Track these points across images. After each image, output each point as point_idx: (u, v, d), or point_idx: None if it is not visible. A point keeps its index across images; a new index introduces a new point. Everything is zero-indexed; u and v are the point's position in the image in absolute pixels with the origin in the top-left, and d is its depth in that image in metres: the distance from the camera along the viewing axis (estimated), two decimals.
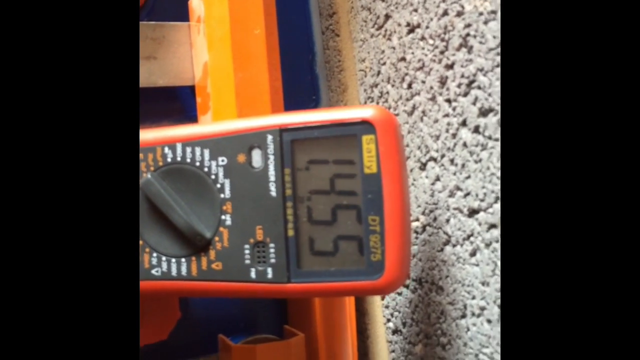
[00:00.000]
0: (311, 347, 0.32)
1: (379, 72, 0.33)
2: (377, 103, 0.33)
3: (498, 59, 0.23)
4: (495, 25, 0.23)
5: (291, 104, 0.38)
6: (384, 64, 0.32)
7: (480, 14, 0.24)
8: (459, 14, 0.26)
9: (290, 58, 0.38)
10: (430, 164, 0.29)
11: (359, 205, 0.24)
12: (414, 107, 0.30)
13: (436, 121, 0.28)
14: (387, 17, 0.32)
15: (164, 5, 0.34)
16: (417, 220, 0.30)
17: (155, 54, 0.33)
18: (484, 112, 0.24)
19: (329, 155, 0.25)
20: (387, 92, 0.32)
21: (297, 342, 0.31)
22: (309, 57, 0.39)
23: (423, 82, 0.29)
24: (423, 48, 0.28)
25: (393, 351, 0.34)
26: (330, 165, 0.25)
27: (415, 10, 0.29)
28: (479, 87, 0.25)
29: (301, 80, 0.39)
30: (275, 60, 0.31)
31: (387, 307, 0.34)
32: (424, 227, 0.30)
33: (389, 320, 0.34)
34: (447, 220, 0.28)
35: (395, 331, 0.33)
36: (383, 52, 0.32)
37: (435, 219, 0.29)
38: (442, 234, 0.28)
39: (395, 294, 0.33)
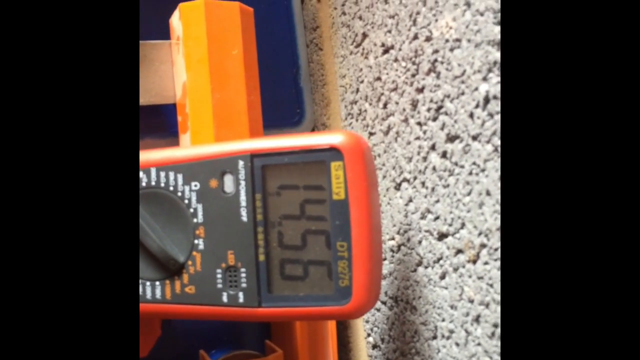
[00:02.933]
0: None
1: (357, 90, 0.33)
2: (357, 120, 0.34)
3: (463, 86, 0.23)
4: (460, 53, 0.23)
5: (276, 116, 0.39)
6: (362, 81, 0.33)
7: (447, 40, 0.24)
8: (428, 39, 0.26)
9: (275, 71, 0.39)
10: (404, 184, 0.29)
11: (328, 230, 0.25)
12: (389, 127, 0.30)
13: (409, 143, 0.28)
14: (365, 35, 0.32)
15: (146, 23, 0.35)
16: (393, 239, 0.30)
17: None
18: (450, 138, 0.25)
19: (299, 180, 0.25)
20: (365, 110, 0.32)
21: (276, 359, 0.31)
22: (294, 70, 0.39)
23: (397, 103, 0.29)
24: (396, 70, 0.29)
25: None
26: (300, 191, 0.25)
27: (389, 32, 0.29)
28: (446, 113, 0.25)
29: (286, 93, 0.39)
30: (254, 80, 0.32)
31: (367, 321, 0.34)
32: (399, 246, 0.30)
33: (369, 335, 0.34)
34: (420, 242, 0.28)
35: (374, 346, 0.34)
36: (361, 70, 0.33)
37: (409, 239, 0.29)
38: (415, 254, 0.28)
39: (375, 309, 0.33)
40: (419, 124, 0.27)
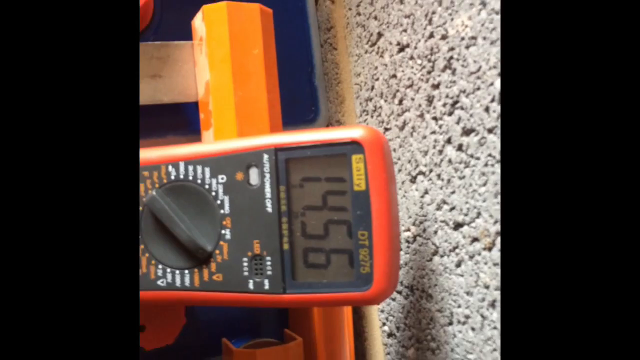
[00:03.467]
0: (310, 350, 0.34)
1: (372, 87, 0.34)
2: (372, 117, 0.35)
3: (479, 82, 0.25)
4: (476, 50, 0.25)
5: (291, 114, 0.40)
6: (377, 79, 0.34)
7: (462, 38, 0.25)
8: (444, 37, 0.27)
9: (290, 71, 0.40)
10: (420, 177, 0.30)
11: (349, 220, 0.26)
12: (404, 123, 0.31)
13: (424, 137, 0.29)
14: (380, 35, 0.33)
15: (169, 24, 0.36)
16: (409, 230, 0.32)
17: (161, 72, 0.34)
18: (466, 132, 0.26)
19: (321, 173, 0.26)
20: (381, 107, 0.34)
21: (295, 346, 0.32)
22: (309, 69, 0.41)
23: (412, 99, 0.30)
24: (412, 67, 0.30)
25: (388, 353, 0.35)
26: (322, 183, 0.26)
27: (405, 31, 0.30)
28: (461, 108, 0.26)
29: (301, 92, 0.40)
30: (274, 79, 0.33)
31: (382, 311, 0.36)
32: (414, 237, 0.31)
33: (384, 324, 0.35)
34: (435, 232, 0.29)
35: (390, 334, 0.35)
36: (376, 68, 0.34)
37: (424, 230, 0.30)
38: (431, 244, 0.29)
39: (390, 299, 0.34)
40: (435, 118, 0.28)
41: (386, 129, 0.33)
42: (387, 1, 0.32)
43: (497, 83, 0.23)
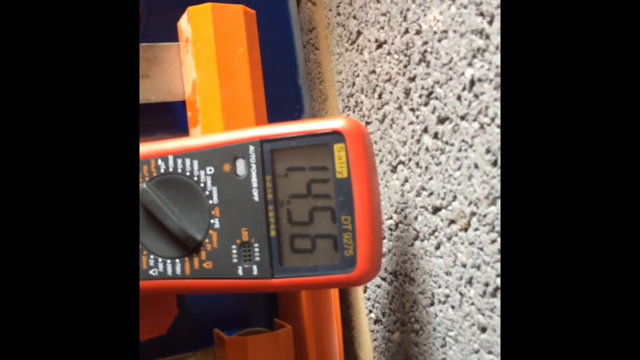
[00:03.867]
0: (300, 338, 0.35)
1: (353, 84, 0.36)
2: (353, 112, 0.36)
3: (451, 72, 0.26)
4: (447, 43, 0.26)
5: (277, 113, 0.41)
6: (358, 76, 0.35)
7: (435, 32, 0.27)
8: (418, 32, 0.28)
9: (274, 71, 0.41)
10: (400, 167, 0.32)
11: (332, 207, 0.27)
12: (384, 116, 0.33)
13: (403, 128, 0.31)
14: (359, 33, 0.34)
15: (156, 27, 0.37)
16: (391, 218, 0.33)
17: (149, 72, 0.35)
18: (441, 120, 0.27)
19: (305, 162, 0.28)
20: (362, 102, 0.35)
21: (285, 333, 0.33)
22: (292, 69, 0.42)
23: (391, 92, 0.32)
24: (390, 62, 0.31)
25: (375, 339, 0.36)
26: (306, 172, 0.28)
27: (382, 28, 0.32)
28: (436, 98, 0.28)
29: (285, 91, 0.42)
30: (258, 76, 0.34)
31: (368, 299, 0.37)
32: (397, 224, 0.32)
33: (370, 312, 0.37)
34: (416, 218, 0.30)
35: (376, 321, 0.36)
36: (357, 65, 0.35)
37: (405, 216, 0.31)
38: (412, 230, 0.31)
39: (375, 286, 0.36)
40: (412, 109, 0.30)
41: (367, 123, 0.35)
42: (365, 0, 0.33)
43: (468, 72, 0.25)
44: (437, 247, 0.29)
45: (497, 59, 0.23)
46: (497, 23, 0.23)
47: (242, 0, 0.39)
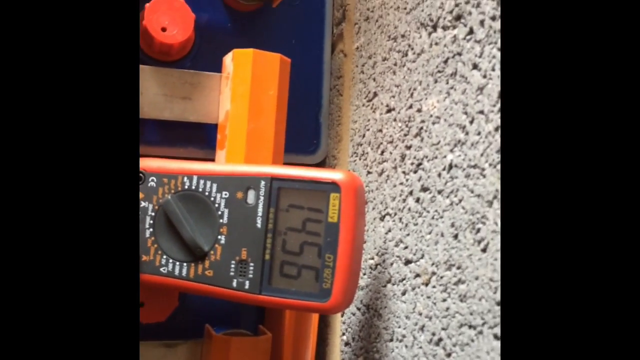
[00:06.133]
0: (278, 346, 0.40)
1: (364, 135, 0.41)
2: (360, 159, 0.41)
3: (437, 152, 0.31)
4: (438, 127, 0.31)
5: (297, 144, 0.47)
6: (368, 130, 0.40)
7: (431, 115, 0.32)
8: (419, 110, 0.33)
9: (301, 107, 0.47)
10: (387, 217, 0.37)
11: (320, 244, 0.32)
12: (382, 171, 0.38)
13: (395, 186, 0.36)
14: (375, 94, 0.40)
15: (204, 57, 0.43)
16: (372, 259, 0.38)
17: (191, 95, 0.41)
18: (424, 189, 0.32)
19: (305, 203, 0.33)
20: (367, 153, 0.40)
21: (265, 340, 0.39)
22: (317, 108, 0.47)
23: (391, 153, 0.37)
24: (394, 127, 0.36)
25: (343, 359, 0.41)
26: (304, 211, 0.33)
27: (393, 97, 0.37)
28: (423, 169, 0.32)
29: (307, 126, 0.47)
30: (282, 116, 0.39)
31: (344, 323, 0.42)
32: (376, 265, 0.37)
33: (343, 334, 0.42)
34: (391, 264, 0.35)
35: (346, 344, 0.41)
36: (369, 120, 0.40)
37: (384, 261, 0.36)
38: (387, 273, 0.36)
39: (351, 314, 0.41)
40: (404, 172, 0.35)
41: (369, 172, 0.40)
42: (384, 69, 0.38)
43: (449, 157, 0.30)
44: (403, 293, 0.34)
45: (471, 153, 0.28)
46: (475, 125, 0.28)
47: (284, 43, 0.44)
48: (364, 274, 0.39)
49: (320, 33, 0.47)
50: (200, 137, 0.43)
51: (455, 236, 0.29)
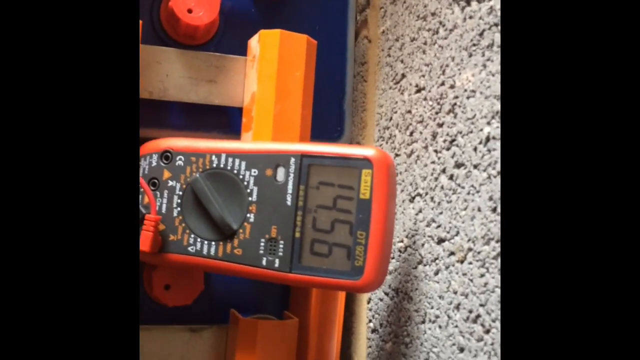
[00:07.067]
0: (303, 332, 0.40)
1: (391, 118, 0.41)
2: (387, 143, 0.41)
3: (472, 127, 0.31)
4: (474, 101, 0.31)
5: (320, 131, 0.46)
6: (396, 112, 0.40)
7: (465, 90, 0.31)
8: (452, 87, 0.33)
9: (325, 93, 0.46)
10: (417, 198, 0.36)
11: (352, 221, 0.32)
12: (412, 152, 0.37)
13: (425, 165, 0.35)
14: (403, 76, 0.39)
15: (229, 40, 0.42)
16: (402, 241, 0.37)
17: (216, 78, 0.41)
18: (458, 165, 0.32)
19: (335, 180, 0.32)
20: (395, 136, 0.40)
21: (292, 324, 0.38)
22: (340, 95, 0.47)
23: (421, 132, 0.36)
24: (424, 107, 0.36)
25: (370, 347, 0.41)
26: (335, 188, 0.32)
27: (423, 76, 0.36)
28: (457, 145, 0.32)
29: (331, 113, 0.47)
30: (309, 97, 0.39)
31: (370, 310, 0.41)
32: (405, 248, 0.37)
33: (370, 321, 0.41)
34: (422, 245, 0.35)
35: (373, 330, 0.40)
36: (396, 103, 0.40)
37: (414, 242, 0.36)
38: (417, 255, 0.35)
39: (378, 299, 0.40)
40: (436, 151, 0.34)
41: (396, 155, 0.39)
42: (413, 49, 0.38)
43: (486, 129, 0.29)
44: (436, 273, 0.33)
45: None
46: None
47: (308, 30, 0.44)
48: (392, 258, 0.38)
49: (343, 19, 0.47)
50: (224, 122, 0.43)
51: (494, 209, 0.28)
